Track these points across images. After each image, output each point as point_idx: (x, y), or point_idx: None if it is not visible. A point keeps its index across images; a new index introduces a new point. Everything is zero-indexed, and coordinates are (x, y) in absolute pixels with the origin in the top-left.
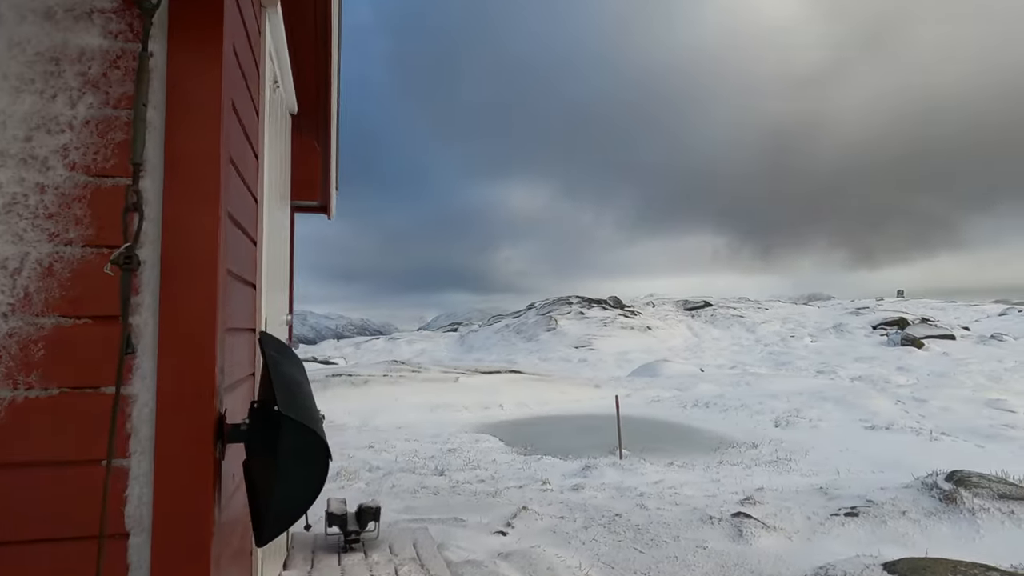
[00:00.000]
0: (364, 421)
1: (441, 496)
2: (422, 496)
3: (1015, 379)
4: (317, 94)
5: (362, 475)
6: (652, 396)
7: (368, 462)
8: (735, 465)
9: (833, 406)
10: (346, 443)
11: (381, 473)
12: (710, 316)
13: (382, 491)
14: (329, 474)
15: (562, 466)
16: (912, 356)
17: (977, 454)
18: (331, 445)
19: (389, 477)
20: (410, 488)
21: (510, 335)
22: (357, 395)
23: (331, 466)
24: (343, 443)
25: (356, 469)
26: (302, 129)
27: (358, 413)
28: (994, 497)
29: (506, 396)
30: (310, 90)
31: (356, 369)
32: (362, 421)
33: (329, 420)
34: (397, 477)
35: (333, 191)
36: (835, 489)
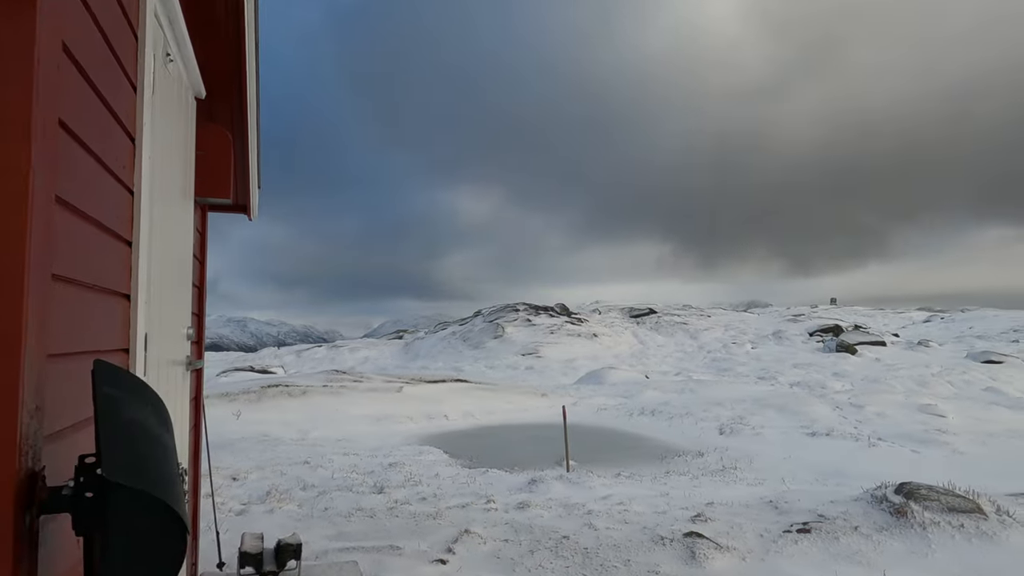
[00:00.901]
0: (301, 434)
1: (377, 519)
2: (356, 520)
3: (941, 384)
4: (230, 76)
5: (295, 495)
6: (599, 404)
7: (302, 480)
8: (682, 475)
9: (775, 413)
10: (280, 459)
11: (315, 492)
12: (655, 323)
13: (314, 514)
14: (259, 495)
15: (507, 480)
16: (847, 362)
17: (914, 460)
18: (265, 461)
19: (323, 497)
20: (345, 511)
21: (456, 342)
22: (295, 406)
23: (262, 486)
24: (276, 459)
25: (288, 488)
26: (214, 117)
27: (295, 426)
28: (943, 510)
29: (451, 406)
30: (222, 71)
31: (295, 379)
32: (299, 434)
33: (263, 434)
34: (332, 497)
35: (254, 189)
36: (785, 503)
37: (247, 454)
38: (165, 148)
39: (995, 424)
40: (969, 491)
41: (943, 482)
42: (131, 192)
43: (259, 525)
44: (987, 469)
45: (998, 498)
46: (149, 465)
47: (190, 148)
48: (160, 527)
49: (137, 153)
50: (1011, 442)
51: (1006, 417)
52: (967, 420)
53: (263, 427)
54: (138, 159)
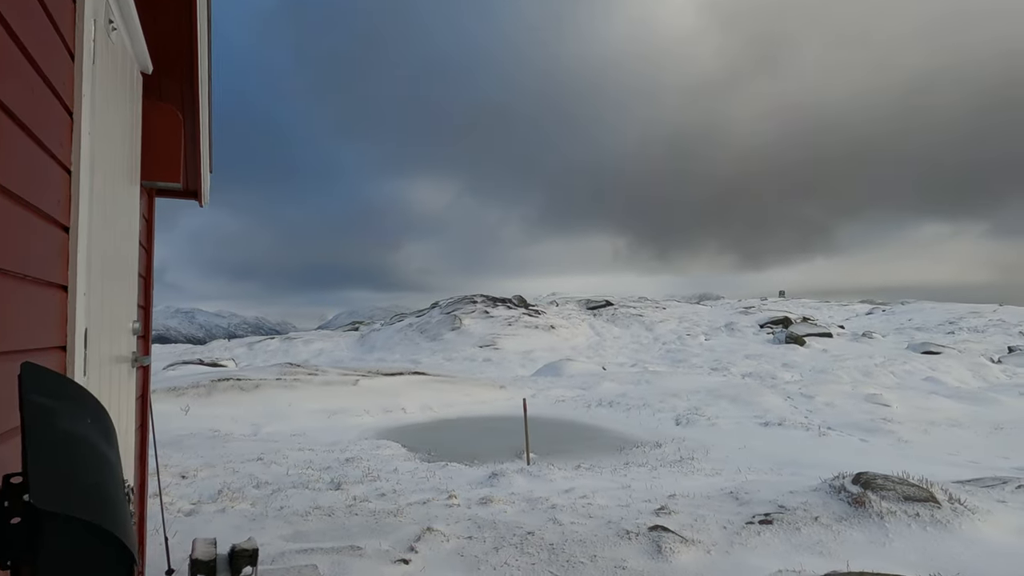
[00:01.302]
0: (254, 430)
1: (336, 518)
2: (314, 519)
3: (884, 374)
4: (180, 52)
5: (248, 493)
6: (557, 396)
7: (256, 477)
8: (642, 466)
9: (729, 403)
10: (231, 455)
11: (270, 490)
12: (611, 315)
13: (269, 514)
14: (209, 493)
15: (468, 473)
16: (796, 353)
17: (862, 448)
18: (216, 458)
19: (278, 495)
20: (301, 509)
21: (413, 334)
22: (247, 401)
23: (213, 484)
24: (228, 455)
25: (241, 486)
26: (163, 95)
27: (247, 421)
28: (900, 499)
29: (409, 399)
30: (171, 46)
31: (247, 372)
32: (252, 430)
33: (214, 429)
34: (288, 495)
35: (206, 173)
36: (745, 493)
37: (197, 451)
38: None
39: (936, 413)
40: (922, 480)
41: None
42: (68, 172)
43: (211, 526)
44: (932, 457)
45: (948, 486)
46: (88, 487)
47: (136, 127)
48: (101, 558)
49: (75, 129)
50: (951, 431)
51: (946, 406)
52: (910, 409)
53: (213, 422)
54: (76, 135)
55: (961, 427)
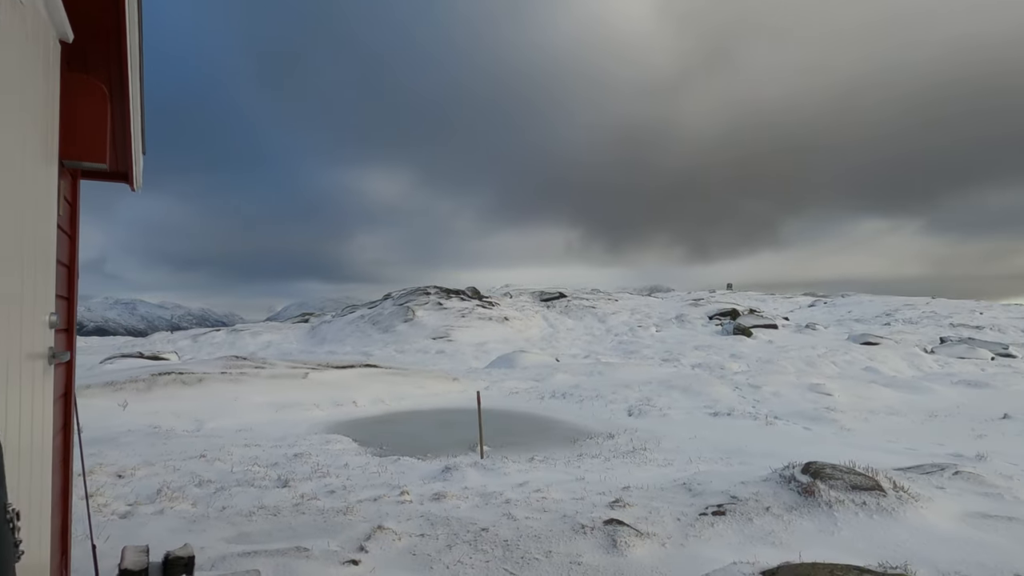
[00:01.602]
0: (197, 425)
1: (282, 517)
2: (259, 519)
3: (827, 364)
4: (106, 19)
5: (189, 492)
6: (510, 388)
7: (198, 475)
8: (595, 457)
9: (680, 394)
10: (172, 453)
11: (212, 489)
12: (564, 307)
13: (210, 514)
14: (147, 494)
15: (421, 468)
16: (743, 344)
17: (807, 437)
18: (155, 456)
19: (221, 494)
20: (245, 508)
21: (365, 326)
22: (189, 395)
23: (151, 483)
24: (168, 453)
25: (182, 485)
26: (88, 67)
27: (190, 416)
28: (847, 488)
29: (361, 392)
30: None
31: (190, 365)
32: (194, 426)
33: (154, 426)
34: (231, 493)
35: (138, 154)
36: (698, 484)
37: (134, 448)
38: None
39: (875, 401)
40: (868, 468)
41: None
42: None
43: (146, 530)
44: (872, 444)
45: (892, 474)
46: None
47: (53, 100)
48: None
49: None
50: (890, 418)
51: (884, 395)
52: (851, 398)
53: (153, 418)
54: None
55: (899, 415)
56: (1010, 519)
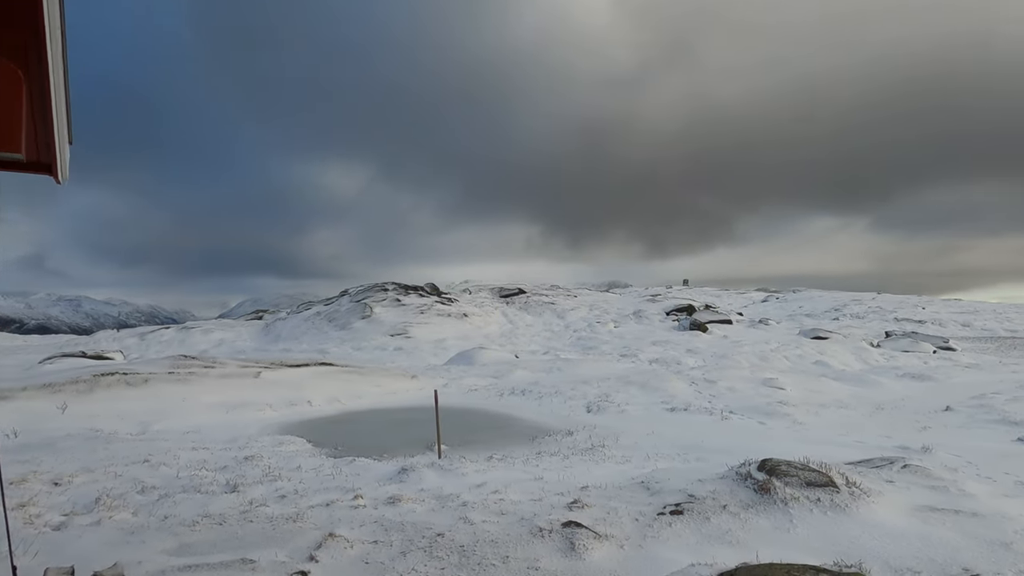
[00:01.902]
0: (142, 428)
1: (228, 526)
2: (203, 528)
3: (779, 359)
4: None
5: (130, 500)
6: (469, 385)
7: (140, 481)
8: (554, 455)
9: (637, 390)
10: (114, 457)
11: (155, 496)
12: (524, 303)
13: (151, 524)
14: (85, 502)
15: (376, 469)
16: (699, 339)
17: (761, 431)
18: (95, 462)
19: (165, 502)
20: (190, 517)
21: (322, 323)
22: (134, 397)
23: (90, 491)
24: (110, 458)
25: (123, 492)
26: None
27: (135, 418)
28: (802, 485)
29: (315, 391)
30: None
31: (136, 365)
32: (139, 428)
33: (95, 429)
34: (176, 501)
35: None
36: (656, 483)
37: (74, 454)
38: None
39: (825, 395)
40: (822, 465)
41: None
42: None
43: (80, 543)
44: (824, 438)
45: (844, 469)
46: None
47: None
48: None
49: None
50: (839, 412)
51: (833, 388)
52: (803, 392)
53: (95, 421)
54: None
55: (848, 408)
56: (956, 512)
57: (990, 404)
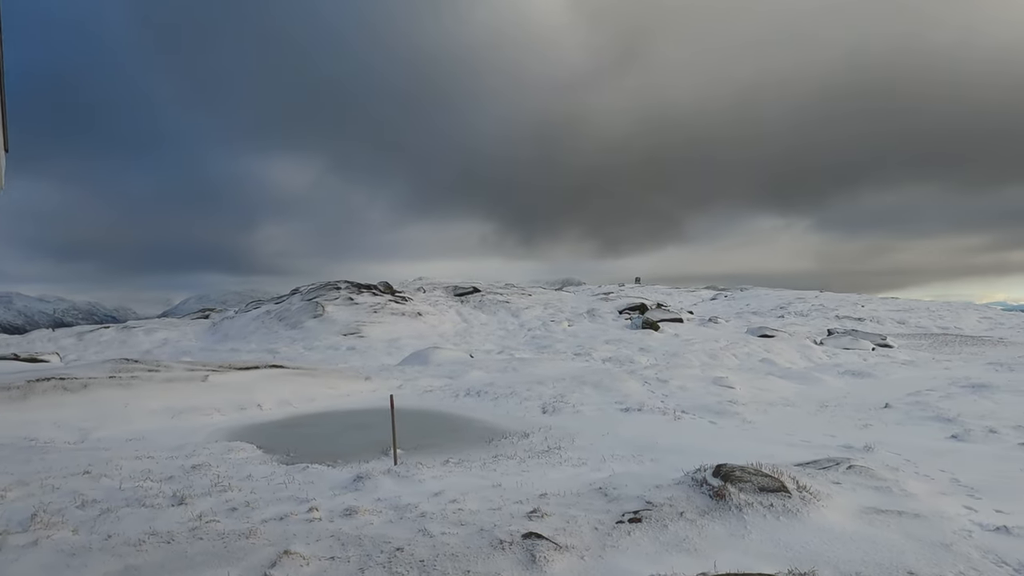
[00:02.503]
0: (81, 436)
1: (176, 544)
2: (150, 548)
3: (728, 356)
4: None
5: (69, 516)
6: (424, 386)
7: (81, 495)
8: (511, 459)
9: (592, 390)
10: (51, 469)
11: (97, 510)
12: (479, 302)
13: (93, 544)
14: (20, 520)
15: (331, 476)
16: (651, 338)
17: (713, 431)
18: (30, 474)
19: (108, 517)
20: (134, 535)
21: (272, 322)
22: (73, 403)
23: (24, 507)
24: (47, 469)
25: (61, 507)
26: None
27: (73, 427)
28: (756, 491)
29: (266, 394)
30: None
31: (74, 369)
32: (78, 436)
33: (30, 438)
34: (119, 516)
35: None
36: (614, 489)
37: (5, 466)
38: None
39: (772, 393)
40: (774, 469)
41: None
42: None
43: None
44: (772, 437)
45: (794, 472)
46: None
47: None
48: None
49: None
50: (786, 410)
51: (780, 386)
52: (751, 390)
53: (30, 429)
54: None
55: (793, 406)
56: (900, 513)
57: (925, 401)
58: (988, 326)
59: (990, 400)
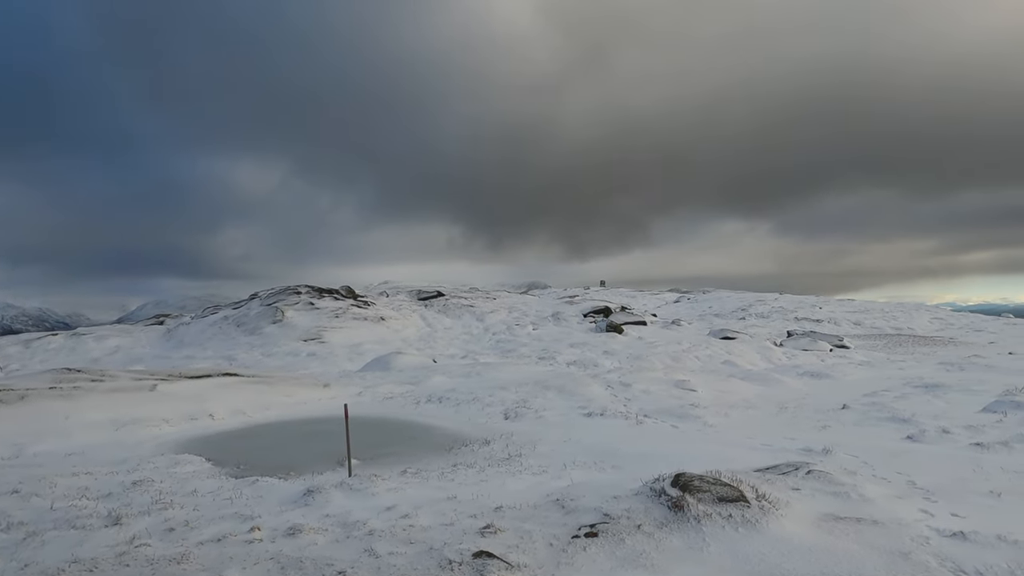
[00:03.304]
0: (15, 452)
1: (99, 573)
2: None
3: (690, 359)
4: None
5: None
6: (385, 393)
7: (7, 516)
8: (470, 467)
9: (555, 394)
10: None
11: (22, 534)
12: (443, 306)
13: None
14: None
15: (281, 490)
16: (615, 341)
17: (675, 435)
18: None
19: (31, 542)
20: (54, 564)
21: (230, 328)
22: (8, 416)
23: None
24: None
25: None
26: None
27: (7, 441)
28: (714, 501)
29: (219, 403)
30: None
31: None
32: (12, 452)
33: None
34: (44, 540)
35: None
36: (571, 500)
37: None
38: None
39: (733, 395)
40: (732, 477)
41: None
42: None
43: None
44: (733, 440)
45: (753, 479)
46: None
47: None
48: None
49: None
50: (747, 412)
51: (741, 388)
52: (713, 393)
53: None
54: None
55: (754, 408)
56: (858, 520)
57: (881, 402)
58: (939, 326)
59: (942, 400)
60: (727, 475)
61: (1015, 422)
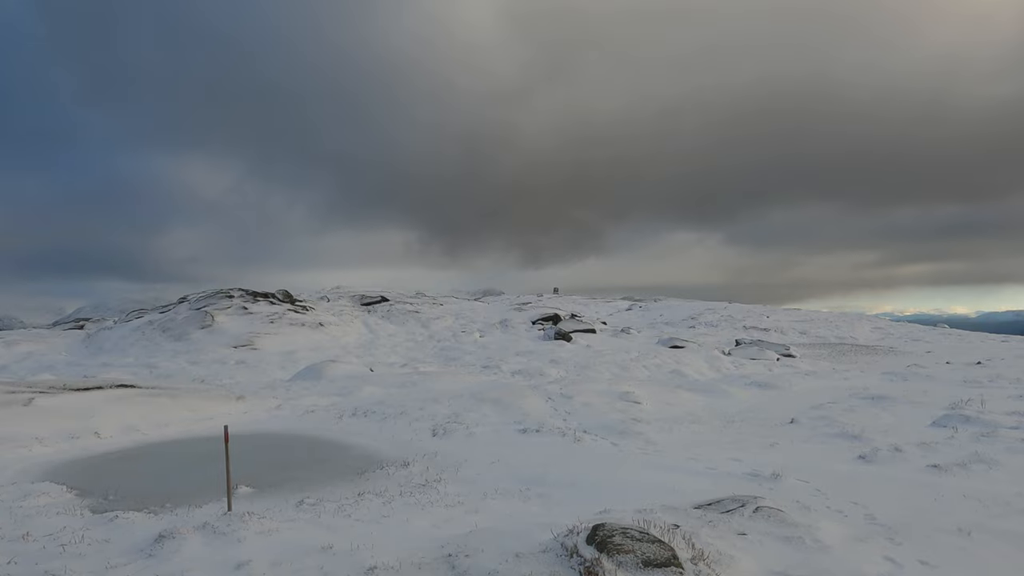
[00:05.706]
0: None
1: None
2: None
3: (638, 368)
4: None
5: None
6: (307, 405)
7: None
8: (378, 496)
9: (491, 408)
10: None
11: None
12: (387, 311)
13: None
14: None
15: (138, 531)
16: (563, 349)
17: (613, 456)
18: None
19: None
20: None
21: (154, 333)
22: None
23: None
24: None
25: None
26: None
27: None
28: (638, 567)
29: (108, 420)
30: None
31: None
32: None
33: None
34: None
35: None
36: (465, 557)
37: None
38: None
39: (678, 408)
40: (666, 526)
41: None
42: None
43: None
44: (675, 463)
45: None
46: None
47: None
48: None
49: None
50: (691, 427)
51: (686, 399)
52: (658, 405)
53: None
54: None
55: (700, 423)
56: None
57: (829, 415)
58: (879, 336)
59: (889, 413)
60: (659, 523)
61: (966, 439)
